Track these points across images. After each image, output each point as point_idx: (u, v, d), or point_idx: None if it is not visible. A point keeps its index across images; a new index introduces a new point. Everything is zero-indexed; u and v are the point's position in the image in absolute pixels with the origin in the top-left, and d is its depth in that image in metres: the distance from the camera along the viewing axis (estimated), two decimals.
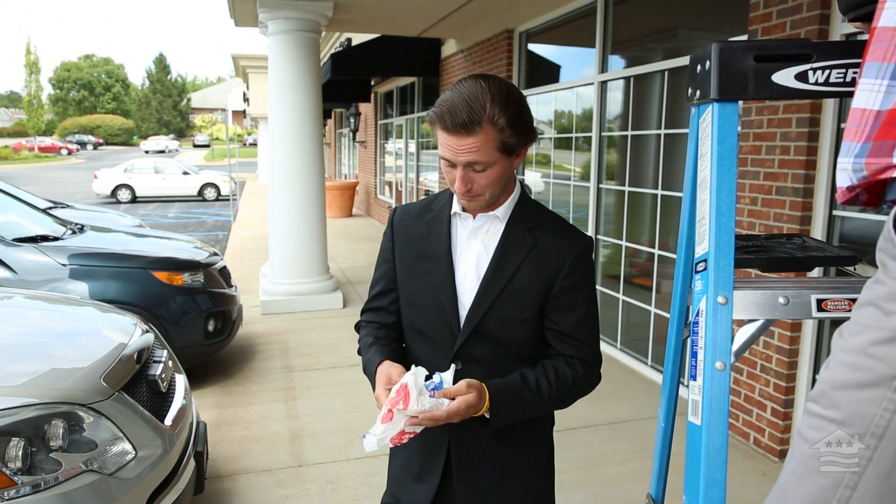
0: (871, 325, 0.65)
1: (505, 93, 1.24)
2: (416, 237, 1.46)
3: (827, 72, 0.95)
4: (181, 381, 2.70)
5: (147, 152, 52.48)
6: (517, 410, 1.33)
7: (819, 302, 1.02)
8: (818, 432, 0.68)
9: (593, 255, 1.42)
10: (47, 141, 51.94)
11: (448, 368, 1.31)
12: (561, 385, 1.35)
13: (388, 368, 1.33)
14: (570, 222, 1.45)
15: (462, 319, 1.38)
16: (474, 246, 1.40)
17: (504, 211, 1.38)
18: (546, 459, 1.50)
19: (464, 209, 1.41)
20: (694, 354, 0.98)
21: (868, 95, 0.67)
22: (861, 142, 0.67)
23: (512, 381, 1.33)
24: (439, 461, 1.43)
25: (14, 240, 4.06)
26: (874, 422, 0.63)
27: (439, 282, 1.39)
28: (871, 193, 0.71)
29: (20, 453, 1.79)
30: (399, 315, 1.50)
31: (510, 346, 1.38)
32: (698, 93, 1.02)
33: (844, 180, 0.71)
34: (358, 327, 1.58)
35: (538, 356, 1.41)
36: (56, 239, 4.33)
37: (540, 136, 6.48)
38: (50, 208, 7.12)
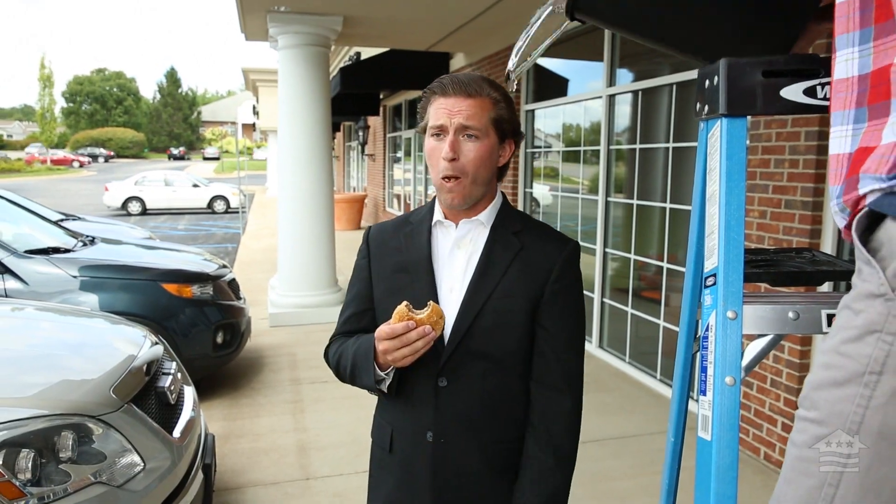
0: (843, 325, 0.68)
1: (498, 85, 1.32)
2: (394, 250, 1.39)
3: None
4: (190, 393, 2.71)
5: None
6: (557, 495, 1.30)
7: (829, 317, 1.01)
8: (802, 434, 0.70)
9: (580, 263, 1.37)
10: (60, 153, 52.51)
11: (432, 387, 1.29)
12: (556, 451, 1.30)
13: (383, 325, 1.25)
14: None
15: (447, 333, 1.29)
16: (458, 258, 1.33)
17: (487, 216, 1.33)
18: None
19: (445, 215, 1.34)
20: (703, 369, 0.98)
21: (839, 141, 0.73)
22: (839, 184, 0.73)
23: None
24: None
25: (26, 251, 4.10)
26: (849, 418, 0.65)
27: (420, 294, 1.30)
28: None
29: (30, 464, 1.80)
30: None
31: (501, 359, 1.30)
32: (707, 108, 1.02)
33: (840, 222, 0.75)
34: (327, 354, 1.44)
35: (529, 371, 1.33)
36: (67, 251, 4.37)
37: (548, 150, 6.50)
38: (61, 220, 7.19)
